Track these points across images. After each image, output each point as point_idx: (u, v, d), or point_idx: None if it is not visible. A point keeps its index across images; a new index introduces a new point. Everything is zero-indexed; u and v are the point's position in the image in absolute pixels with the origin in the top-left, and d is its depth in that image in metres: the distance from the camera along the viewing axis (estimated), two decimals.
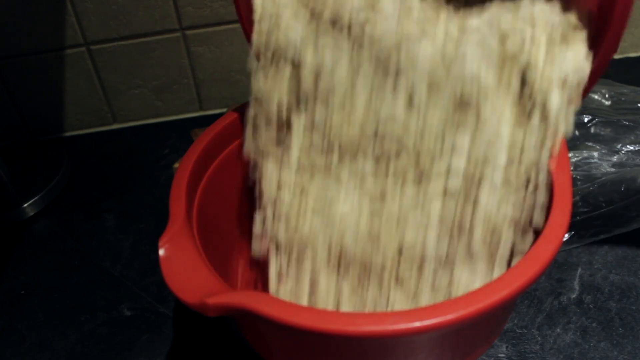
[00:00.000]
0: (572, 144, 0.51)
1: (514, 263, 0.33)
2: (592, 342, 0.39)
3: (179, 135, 0.66)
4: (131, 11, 0.60)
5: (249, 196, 0.45)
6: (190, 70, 0.65)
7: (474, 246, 0.33)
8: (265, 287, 0.39)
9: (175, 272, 0.30)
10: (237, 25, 0.62)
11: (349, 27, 0.34)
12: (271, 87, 0.37)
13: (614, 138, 0.51)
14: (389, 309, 0.35)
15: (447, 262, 0.34)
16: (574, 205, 0.44)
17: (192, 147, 0.39)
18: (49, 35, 0.61)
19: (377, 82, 0.34)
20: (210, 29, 0.62)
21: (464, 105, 0.33)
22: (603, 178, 0.45)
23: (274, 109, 0.37)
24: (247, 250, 0.43)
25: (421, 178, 0.34)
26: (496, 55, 0.32)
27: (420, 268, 0.34)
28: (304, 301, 0.37)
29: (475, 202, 0.33)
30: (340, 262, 0.36)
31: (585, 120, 0.53)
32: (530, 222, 0.33)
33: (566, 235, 0.44)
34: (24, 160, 0.64)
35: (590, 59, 0.32)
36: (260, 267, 0.41)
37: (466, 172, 0.33)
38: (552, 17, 0.32)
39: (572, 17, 0.32)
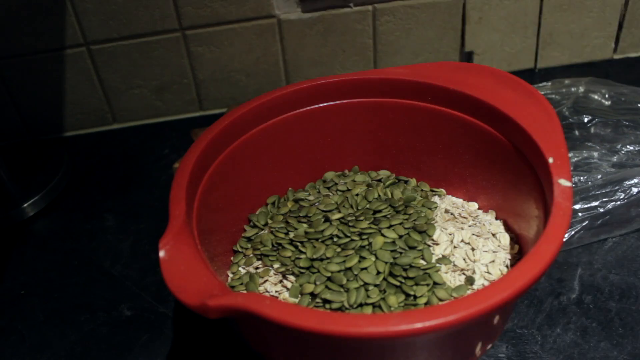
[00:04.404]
0: (572, 144, 0.51)
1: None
2: (592, 342, 0.39)
3: (179, 135, 0.66)
4: (131, 11, 0.60)
5: (249, 196, 0.45)
6: (190, 70, 0.65)
7: None
8: None
9: (175, 274, 0.30)
10: (237, 25, 0.62)
11: None
12: None
13: (614, 138, 0.51)
14: None
15: None
16: (574, 205, 0.44)
17: (192, 147, 0.38)
18: (49, 35, 0.61)
19: None
20: (210, 29, 0.62)
21: None
22: (603, 178, 0.45)
23: None
24: None
25: None
26: None
27: None
28: None
29: None
30: None
31: (585, 120, 0.53)
32: None
33: (566, 235, 0.44)
34: (24, 160, 0.64)
35: None
36: None
37: None
38: None
39: None
